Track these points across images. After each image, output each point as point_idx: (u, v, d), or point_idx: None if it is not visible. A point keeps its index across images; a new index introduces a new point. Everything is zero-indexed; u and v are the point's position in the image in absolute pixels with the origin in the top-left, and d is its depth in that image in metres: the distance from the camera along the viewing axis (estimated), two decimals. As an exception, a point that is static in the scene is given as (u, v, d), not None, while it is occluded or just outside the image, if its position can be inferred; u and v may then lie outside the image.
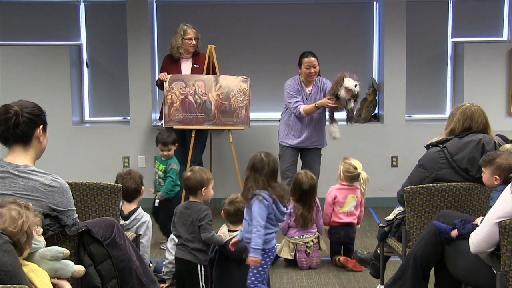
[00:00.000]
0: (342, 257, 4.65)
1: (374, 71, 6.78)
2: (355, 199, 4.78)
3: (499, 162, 3.25)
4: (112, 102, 6.78)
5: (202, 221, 3.52)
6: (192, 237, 3.56)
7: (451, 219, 3.25)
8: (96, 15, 6.69)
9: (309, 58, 5.27)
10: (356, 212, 4.80)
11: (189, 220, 3.58)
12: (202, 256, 3.57)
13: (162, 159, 5.16)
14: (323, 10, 6.72)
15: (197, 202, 3.65)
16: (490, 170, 3.29)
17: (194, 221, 3.55)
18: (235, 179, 5.91)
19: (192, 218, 3.56)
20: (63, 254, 2.49)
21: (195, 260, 3.56)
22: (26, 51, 6.51)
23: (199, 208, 3.58)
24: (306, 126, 5.36)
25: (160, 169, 5.14)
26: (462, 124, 3.64)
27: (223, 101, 5.67)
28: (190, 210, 3.60)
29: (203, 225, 3.52)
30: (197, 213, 3.55)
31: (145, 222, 4.10)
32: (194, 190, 3.63)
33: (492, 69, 6.46)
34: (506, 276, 2.85)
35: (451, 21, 6.69)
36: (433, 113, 6.81)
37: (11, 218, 2.29)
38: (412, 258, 3.36)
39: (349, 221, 4.76)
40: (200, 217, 3.54)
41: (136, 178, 4.14)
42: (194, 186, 3.63)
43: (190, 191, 3.68)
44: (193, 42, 5.77)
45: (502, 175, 3.24)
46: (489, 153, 3.36)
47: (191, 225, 3.56)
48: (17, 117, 2.66)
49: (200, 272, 3.55)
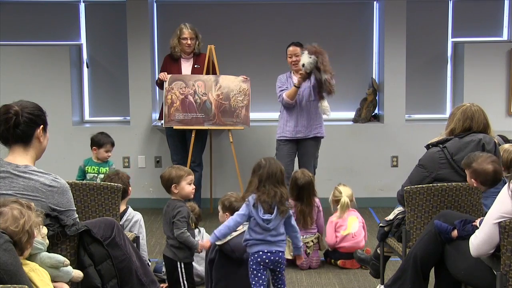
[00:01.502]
0: (340, 261, 4.64)
1: (374, 71, 6.78)
2: (356, 220, 4.71)
3: (474, 167, 3.28)
4: (112, 102, 6.78)
5: (174, 218, 3.62)
6: (171, 234, 3.66)
7: (452, 219, 3.25)
8: (96, 15, 6.69)
9: (291, 47, 5.38)
10: (361, 233, 4.69)
11: (168, 217, 3.69)
12: (180, 254, 3.63)
13: (98, 162, 5.08)
14: (323, 10, 6.72)
15: (174, 200, 3.74)
16: (468, 173, 3.34)
17: (170, 218, 3.65)
18: (235, 179, 5.91)
19: (169, 215, 3.67)
20: (63, 264, 2.49)
21: (174, 257, 3.64)
22: (26, 51, 6.51)
23: (174, 205, 3.68)
24: (301, 115, 5.37)
25: (102, 172, 5.05)
26: (462, 124, 3.64)
27: (223, 101, 5.67)
28: (169, 207, 3.72)
29: (174, 221, 3.61)
30: (172, 210, 3.66)
31: (137, 221, 4.13)
32: (167, 188, 3.77)
33: (492, 69, 6.46)
34: (506, 276, 2.85)
35: (451, 21, 6.69)
36: (433, 113, 6.81)
37: (13, 217, 2.29)
38: (412, 258, 3.36)
39: (357, 245, 4.60)
40: (173, 214, 3.64)
41: (124, 178, 4.16)
42: (164, 184, 3.78)
43: (165, 188, 3.81)
44: (188, 42, 5.76)
45: (478, 180, 3.28)
46: (469, 156, 3.36)
47: (169, 222, 3.67)
48: (17, 117, 2.66)
49: (180, 270, 3.62)
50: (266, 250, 3.25)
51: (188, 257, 3.68)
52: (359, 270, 4.58)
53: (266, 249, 3.25)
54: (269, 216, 3.22)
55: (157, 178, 6.48)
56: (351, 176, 6.35)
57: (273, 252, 3.26)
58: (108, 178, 4.15)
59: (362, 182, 6.38)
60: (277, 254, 3.27)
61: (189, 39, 5.75)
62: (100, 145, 5.11)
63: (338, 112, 6.77)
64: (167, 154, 6.23)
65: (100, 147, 5.11)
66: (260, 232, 3.24)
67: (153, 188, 6.54)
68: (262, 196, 3.22)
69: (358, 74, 6.78)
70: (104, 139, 5.14)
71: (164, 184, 3.80)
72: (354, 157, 6.51)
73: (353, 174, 6.40)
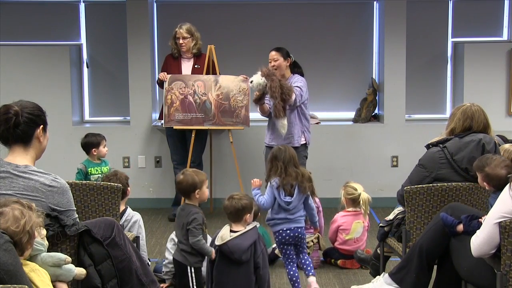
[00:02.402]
0: (340, 261, 4.64)
1: (374, 71, 6.78)
2: (361, 224, 4.70)
3: (487, 171, 3.26)
4: (112, 102, 6.78)
5: (189, 225, 3.55)
6: (183, 239, 3.60)
7: (460, 212, 3.25)
8: (96, 15, 6.69)
9: (271, 52, 5.32)
10: (363, 237, 4.71)
11: (181, 222, 3.61)
12: (191, 258, 3.59)
13: (97, 162, 5.01)
14: (323, 10, 6.72)
15: (190, 205, 3.65)
16: (480, 176, 3.32)
17: (185, 224, 3.58)
18: (235, 179, 5.91)
19: (183, 221, 3.59)
20: (65, 261, 2.49)
21: (184, 261, 3.59)
22: (26, 51, 6.51)
23: (189, 211, 3.60)
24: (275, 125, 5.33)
25: (105, 171, 4.95)
26: (462, 124, 3.64)
27: (223, 101, 5.67)
28: (183, 211, 3.63)
29: (190, 229, 3.54)
30: (187, 216, 3.58)
31: (136, 221, 4.13)
32: (188, 193, 3.64)
33: (492, 69, 6.45)
34: (506, 276, 2.85)
35: (451, 21, 6.69)
36: (433, 113, 6.81)
37: (14, 218, 2.29)
38: (418, 248, 3.36)
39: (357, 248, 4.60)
40: (188, 221, 3.56)
41: (122, 179, 4.13)
42: (187, 189, 3.63)
43: (184, 194, 3.69)
44: (181, 41, 5.75)
45: (491, 183, 3.26)
46: (481, 158, 3.34)
47: (183, 227, 3.60)
48: (17, 117, 2.66)
49: (190, 274, 3.58)
50: (286, 228, 3.84)
51: (199, 262, 3.63)
52: (359, 270, 4.58)
53: (285, 227, 3.85)
54: (289, 199, 3.83)
55: (157, 178, 6.60)
56: (351, 176, 6.33)
57: (292, 229, 3.85)
58: (106, 179, 4.14)
59: (362, 182, 6.27)
60: (296, 230, 3.86)
61: (181, 38, 5.75)
62: (98, 144, 5.10)
63: (338, 112, 6.79)
64: (167, 154, 6.23)
65: (98, 146, 5.10)
66: (281, 212, 3.85)
67: (153, 188, 6.54)
68: (286, 179, 3.81)
69: (358, 74, 6.78)
70: (97, 137, 5.10)
71: (184, 190, 3.64)
72: (354, 157, 6.51)
73: (353, 174, 6.39)
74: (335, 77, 6.75)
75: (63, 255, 2.50)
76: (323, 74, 6.67)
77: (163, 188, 6.50)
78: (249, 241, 3.46)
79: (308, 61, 6.26)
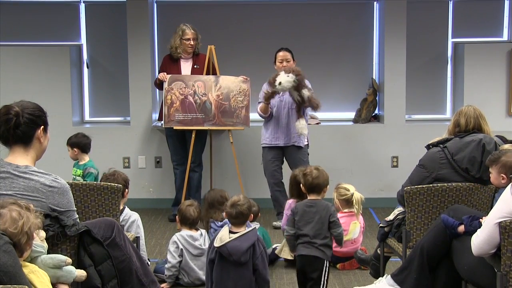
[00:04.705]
0: (339, 265, 4.63)
1: (374, 71, 6.78)
2: (358, 225, 4.68)
3: (504, 161, 3.24)
4: (112, 102, 6.78)
5: (333, 217, 3.67)
6: (324, 233, 3.66)
7: (461, 214, 3.25)
8: (96, 15, 6.69)
9: (283, 52, 5.35)
10: (360, 238, 4.69)
11: (316, 217, 3.67)
12: (329, 252, 3.69)
13: (79, 164, 5.01)
14: (323, 10, 6.72)
15: (317, 200, 3.75)
16: (496, 170, 3.28)
17: (324, 217, 3.66)
18: (235, 179, 5.92)
19: (322, 215, 3.66)
20: (65, 263, 2.49)
21: (323, 256, 3.65)
22: (26, 51, 6.51)
23: (324, 204, 3.71)
24: (281, 122, 5.40)
25: (77, 174, 4.98)
26: (453, 120, 3.74)
27: (223, 101, 5.67)
28: (314, 208, 3.69)
29: (335, 221, 3.67)
30: (324, 210, 3.67)
31: (134, 221, 4.13)
32: (320, 189, 3.77)
33: (492, 69, 6.45)
34: (507, 276, 2.85)
35: (451, 21, 6.69)
36: (433, 113, 6.81)
37: (12, 219, 2.29)
38: (419, 249, 3.37)
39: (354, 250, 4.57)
40: (331, 213, 3.67)
41: (119, 180, 4.12)
42: (320, 184, 3.76)
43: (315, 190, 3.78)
44: (191, 42, 5.77)
45: (508, 173, 3.21)
46: (495, 152, 3.35)
47: (320, 221, 3.65)
48: (17, 118, 2.66)
49: (325, 269, 3.66)
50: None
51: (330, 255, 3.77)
52: (359, 270, 4.58)
53: None
54: None
55: (157, 178, 6.59)
56: (351, 176, 6.34)
57: None
58: (105, 178, 4.14)
59: (362, 182, 6.37)
60: None
61: (192, 40, 5.77)
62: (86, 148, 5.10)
63: (338, 112, 6.79)
64: (167, 154, 6.23)
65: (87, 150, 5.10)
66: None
67: (153, 189, 6.54)
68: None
69: (358, 74, 6.78)
70: (84, 141, 5.09)
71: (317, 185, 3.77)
72: (354, 157, 6.51)
73: (353, 175, 6.40)
74: (335, 77, 6.75)
75: (63, 257, 2.50)
76: (323, 74, 6.67)
77: (163, 189, 6.50)
78: (248, 243, 3.45)
79: (308, 61, 6.28)
